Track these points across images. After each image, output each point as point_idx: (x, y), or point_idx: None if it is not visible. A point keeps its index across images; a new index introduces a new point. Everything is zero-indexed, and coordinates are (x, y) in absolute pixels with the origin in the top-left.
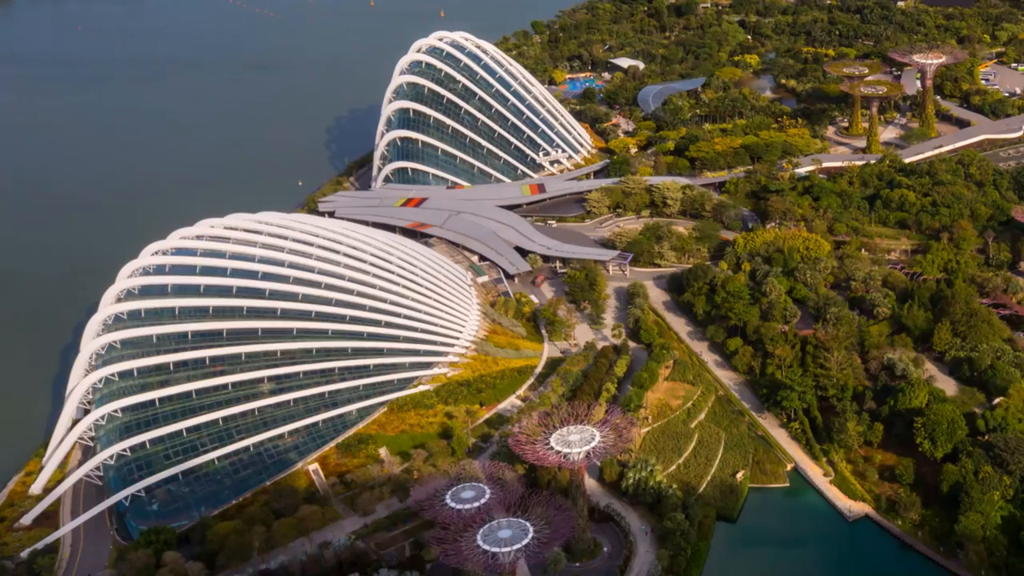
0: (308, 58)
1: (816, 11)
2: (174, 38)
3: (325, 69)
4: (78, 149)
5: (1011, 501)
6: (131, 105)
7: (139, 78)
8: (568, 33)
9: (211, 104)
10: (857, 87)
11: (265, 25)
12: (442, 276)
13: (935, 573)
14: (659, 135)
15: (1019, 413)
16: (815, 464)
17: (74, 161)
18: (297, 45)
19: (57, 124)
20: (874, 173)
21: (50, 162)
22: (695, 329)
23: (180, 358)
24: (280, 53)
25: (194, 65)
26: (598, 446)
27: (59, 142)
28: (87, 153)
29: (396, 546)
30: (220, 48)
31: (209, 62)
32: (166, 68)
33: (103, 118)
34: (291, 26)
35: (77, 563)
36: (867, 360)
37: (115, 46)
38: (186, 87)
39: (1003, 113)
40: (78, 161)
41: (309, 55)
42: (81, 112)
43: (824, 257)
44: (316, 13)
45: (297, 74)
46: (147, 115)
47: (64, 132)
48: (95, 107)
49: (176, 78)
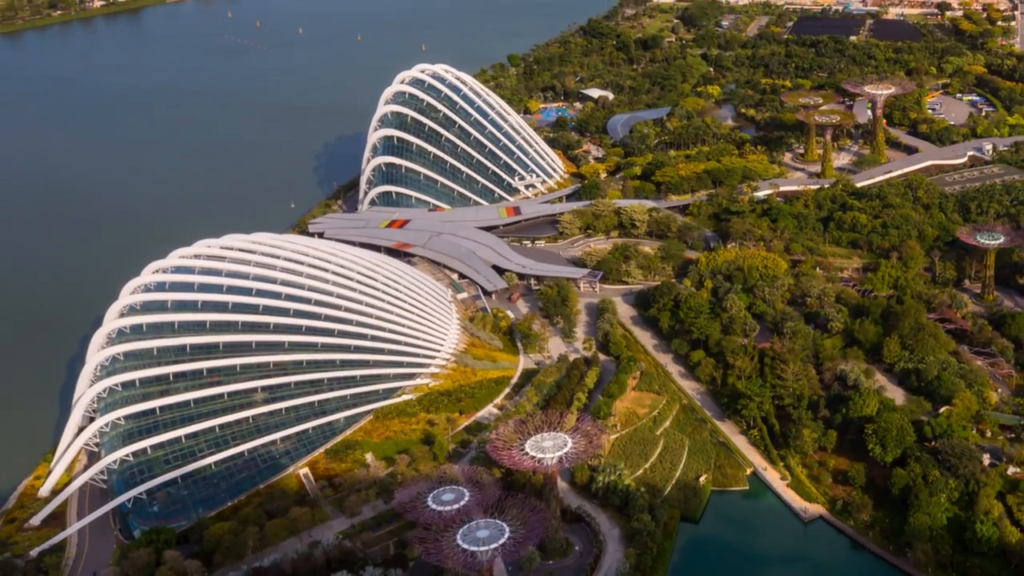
0: (299, 89)
1: (774, 45)
2: (175, 71)
3: (315, 99)
4: (85, 174)
5: (956, 503)
6: (135, 133)
7: (142, 108)
8: (542, 65)
9: (208, 132)
10: (812, 116)
11: (258, 59)
12: (424, 293)
13: (885, 571)
14: (627, 161)
15: (963, 421)
16: (773, 468)
17: (81, 185)
18: (289, 77)
19: (66, 150)
20: (828, 196)
21: (59, 185)
22: (660, 342)
23: (179, 369)
24: (273, 84)
25: (194, 96)
26: (570, 452)
27: (68, 167)
28: (93, 178)
29: (381, 545)
30: (217, 80)
31: (208, 93)
32: (167, 99)
33: (109, 145)
34: (283, 59)
35: (83, 561)
36: (821, 371)
37: (120, 77)
38: (186, 117)
39: (948, 140)
40: (84, 185)
41: (300, 86)
42: (89, 139)
43: (781, 275)
44: (306, 47)
45: (289, 104)
46: (149, 143)
47: (72, 158)
48: (102, 135)
49: (176, 108)
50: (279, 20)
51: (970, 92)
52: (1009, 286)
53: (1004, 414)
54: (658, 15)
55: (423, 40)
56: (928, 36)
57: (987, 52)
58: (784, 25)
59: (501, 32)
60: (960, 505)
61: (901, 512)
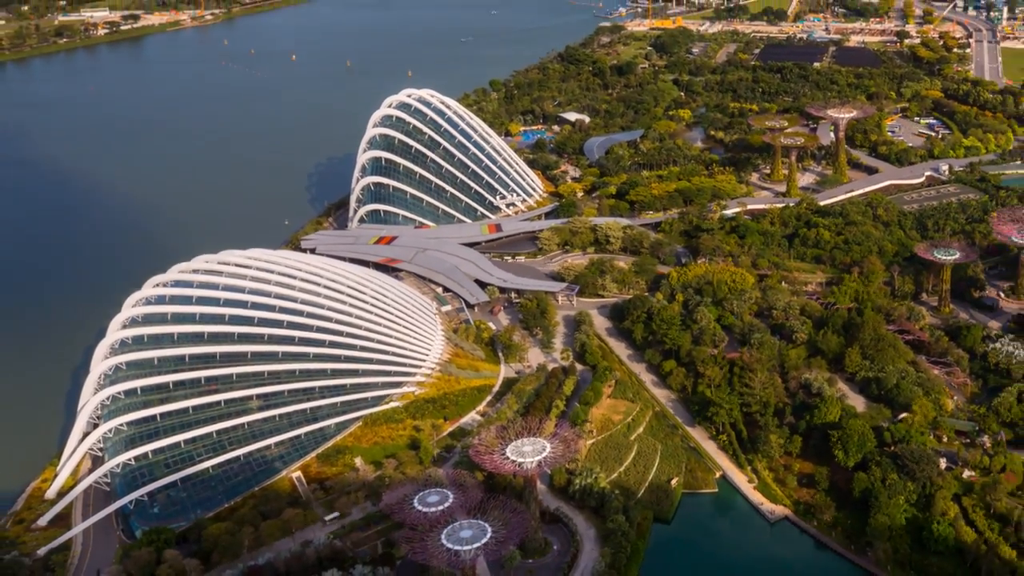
0: (292, 112)
1: (741, 71)
2: (175, 96)
3: (307, 122)
4: (89, 193)
5: (914, 505)
6: (136, 155)
7: (145, 131)
8: (522, 90)
9: (205, 153)
10: (778, 138)
11: (253, 83)
12: (410, 306)
13: (847, 569)
14: (602, 181)
15: (921, 427)
16: (741, 472)
17: (86, 203)
18: (282, 101)
19: (71, 171)
20: (793, 214)
21: (65, 204)
22: (634, 352)
23: (178, 378)
24: (267, 108)
25: (193, 119)
26: (549, 456)
27: (73, 187)
28: (97, 196)
29: (369, 545)
30: (215, 104)
31: (206, 117)
32: (168, 122)
33: (112, 165)
34: (276, 84)
35: (87, 560)
36: (787, 380)
37: (123, 101)
38: (185, 139)
39: (907, 161)
40: (89, 203)
41: (293, 110)
42: (92, 160)
43: (749, 289)
44: (298, 72)
45: (282, 126)
46: (150, 164)
47: (77, 178)
48: (105, 156)
49: (176, 131)
50: (272, 48)
51: (927, 115)
52: (964, 299)
53: (959, 421)
54: (632, 43)
55: (409, 66)
56: (888, 63)
57: (943, 78)
58: (751, 52)
59: (483, 59)
60: (918, 507)
61: (862, 513)
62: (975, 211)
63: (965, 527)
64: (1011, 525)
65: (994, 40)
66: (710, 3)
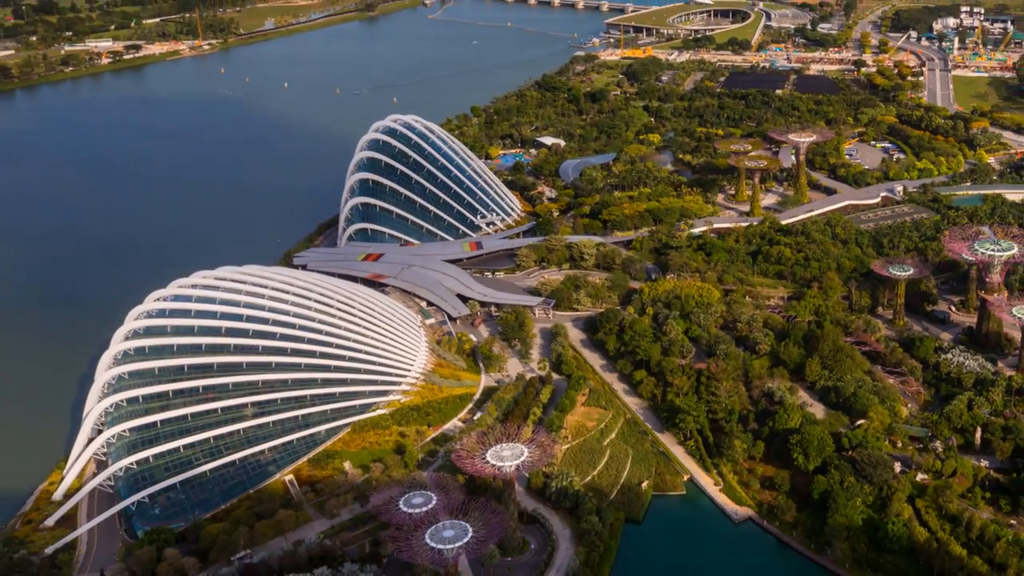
0: (284, 136)
1: (708, 98)
2: (175, 121)
3: (298, 146)
4: (94, 213)
5: (870, 506)
6: (137, 177)
7: (146, 154)
8: (501, 116)
9: (202, 175)
10: (742, 161)
11: (248, 110)
12: (396, 319)
13: (807, 566)
14: (577, 201)
15: (877, 433)
16: (707, 475)
17: (91, 222)
18: (275, 126)
19: (77, 192)
20: (756, 233)
21: (71, 223)
22: (607, 363)
23: (178, 387)
24: (261, 133)
25: (191, 143)
26: (526, 460)
27: (79, 207)
28: (101, 216)
29: (358, 544)
30: (212, 129)
31: (204, 141)
32: (168, 146)
33: (114, 187)
34: (270, 110)
35: (92, 558)
36: (750, 389)
37: (127, 127)
38: (183, 162)
39: (864, 183)
40: (94, 222)
41: (285, 134)
42: (96, 182)
43: (715, 303)
44: (290, 99)
45: (276, 150)
46: (150, 185)
47: (83, 199)
48: (107, 178)
49: (176, 154)
50: (266, 76)
51: (883, 140)
52: (917, 313)
53: (913, 427)
54: (605, 71)
55: (395, 93)
56: (846, 90)
57: (898, 104)
58: (717, 80)
59: (465, 86)
60: (874, 508)
61: (821, 514)
62: (928, 230)
63: (918, 527)
64: (961, 525)
65: (946, 69)
66: (678, 34)
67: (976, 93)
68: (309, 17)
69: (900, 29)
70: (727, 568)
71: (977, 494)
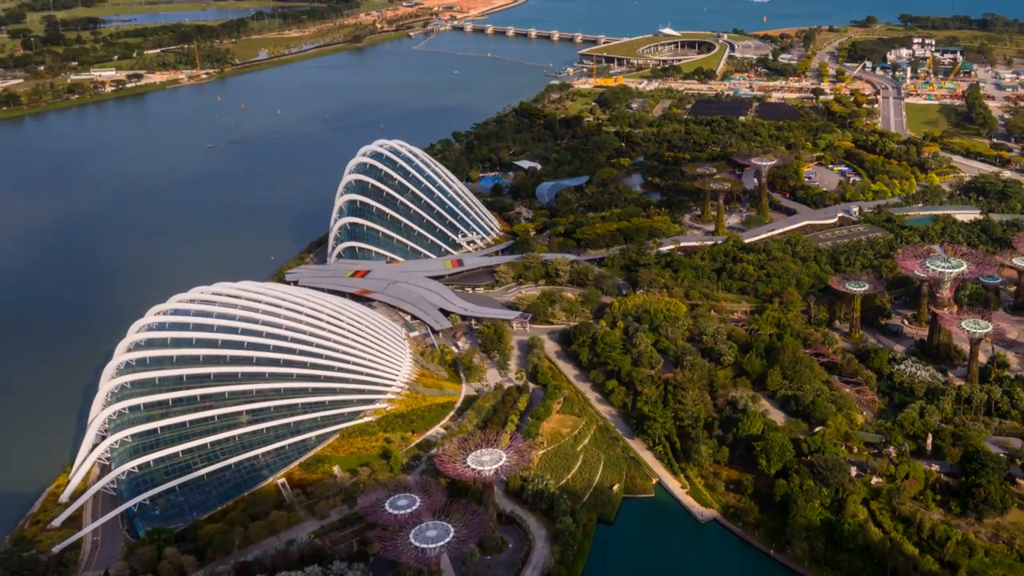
0: (278, 160)
1: (675, 124)
2: (175, 146)
3: (291, 169)
4: (99, 232)
5: (828, 508)
6: (139, 198)
7: (148, 176)
8: (481, 141)
9: (201, 196)
10: (707, 183)
11: (244, 134)
12: (382, 331)
13: (768, 564)
14: (552, 221)
15: (834, 439)
16: (675, 479)
17: (96, 241)
18: (269, 150)
19: (83, 213)
20: (721, 251)
21: (77, 242)
22: (581, 373)
23: (177, 396)
24: (256, 156)
25: (191, 166)
26: (504, 465)
27: (85, 226)
28: (105, 235)
29: (346, 543)
30: (210, 153)
31: (202, 164)
32: (169, 168)
33: (118, 207)
34: (264, 135)
35: (96, 557)
36: (715, 397)
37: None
38: (183, 183)
39: (822, 204)
40: (99, 241)
41: (279, 158)
42: (102, 203)
43: (681, 317)
44: (282, 125)
45: (270, 173)
46: (152, 206)
47: (89, 219)
48: (112, 199)
49: (176, 176)
50: (260, 104)
51: (840, 163)
52: (872, 326)
53: (868, 433)
54: (578, 99)
55: (381, 119)
56: (805, 117)
57: (854, 130)
58: (684, 107)
59: (447, 113)
60: (831, 509)
61: (782, 515)
62: (882, 248)
63: (873, 527)
64: (914, 526)
65: (899, 97)
66: (648, 64)
67: (927, 120)
68: (300, 48)
69: (856, 59)
70: (693, 566)
71: (928, 496)
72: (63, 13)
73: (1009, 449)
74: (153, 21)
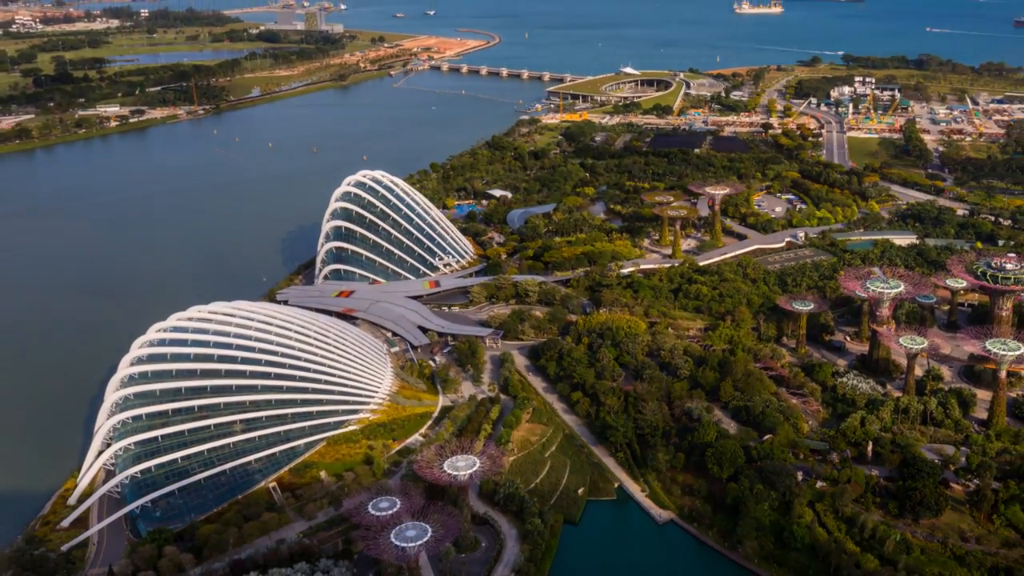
0: (269, 189)
1: (636, 156)
2: (175, 176)
3: (281, 197)
4: (103, 256)
5: (776, 510)
6: (140, 225)
7: (149, 204)
8: (456, 171)
9: (200, 222)
10: (665, 210)
11: (238, 166)
12: (365, 347)
13: (722, 562)
14: (522, 245)
15: (782, 446)
16: (635, 483)
17: (101, 264)
18: (262, 179)
19: (88, 237)
20: (677, 273)
21: (83, 264)
22: (548, 385)
23: (176, 406)
24: (250, 186)
25: (189, 195)
26: (478, 470)
27: (91, 250)
28: (109, 259)
29: (332, 542)
30: (207, 182)
31: (200, 193)
32: (169, 197)
33: (121, 234)
34: (257, 166)
35: (101, 555)
36: (672, 408)
37: (130, 180)
38: (182, 211)
39: (771, 230)
40: (104, 264)
41: (270, 187)
42: (105, 229)
43: (641, 333)
44: (274, 157)
45: (262, 201)
46: (152, 232)
47: (94, 243)
48: (115, 226)
49: (176, 205)
50: (253, 137)
51: (787, 192)
52: (817, 342)
53: (813, 441)
54: (546, 132)
55: (364, 151)
56: (755, 149)
57: (800, 161)
58: (644, 140)
59: (424, 146)
60: (779, 511)
61: (734, 517)
62: (826, 270)
63: (818, 528)
64: (856, 526)
65: (842, 131)
66: (610, 100)
67: (868, 152)
68: (290, 86)
69: (802, 96)
70: (652, 564)
71: (869, 499)
72: (71, 54)
73: (943, 455)
74: (154, 61)
